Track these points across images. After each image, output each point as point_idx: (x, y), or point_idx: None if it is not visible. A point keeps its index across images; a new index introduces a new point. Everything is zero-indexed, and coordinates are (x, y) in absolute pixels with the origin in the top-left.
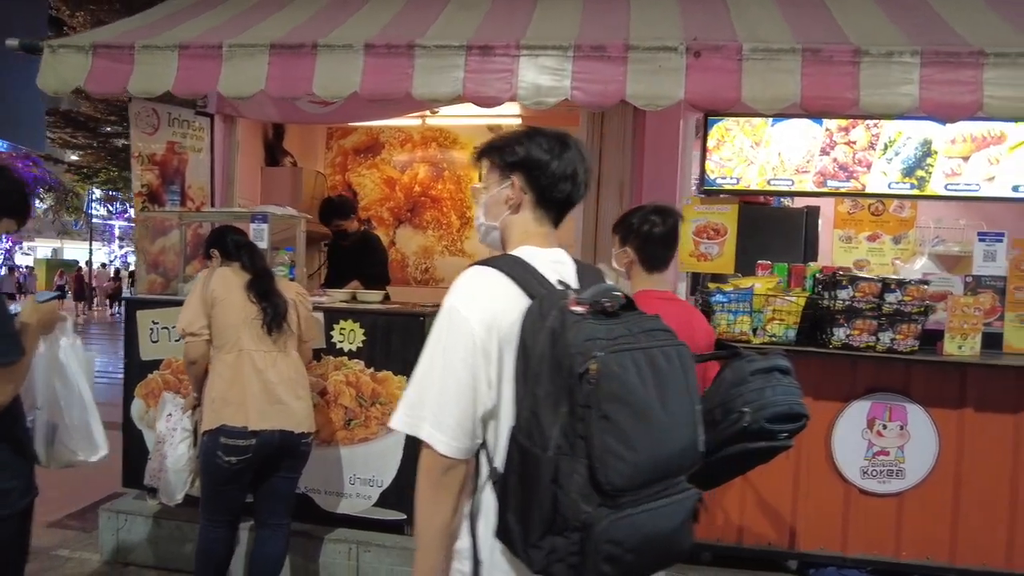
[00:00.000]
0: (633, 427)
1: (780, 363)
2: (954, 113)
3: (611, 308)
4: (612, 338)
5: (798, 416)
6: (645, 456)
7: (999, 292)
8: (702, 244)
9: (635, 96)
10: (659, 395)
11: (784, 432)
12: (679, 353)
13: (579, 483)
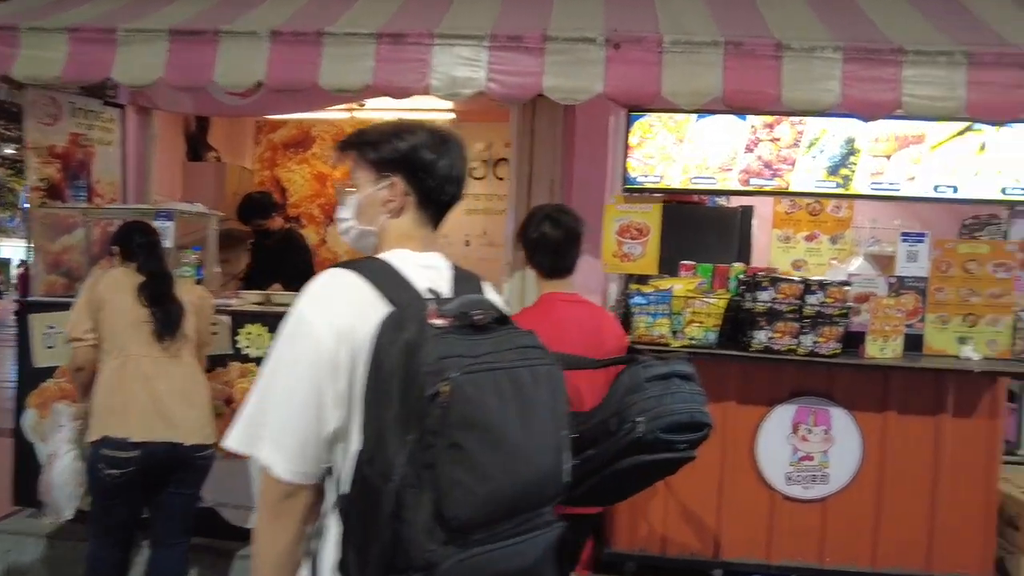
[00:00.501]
0: (487, 457)
1: (680, 368)
2: (875, 111)
3: (481, 322)
4: (475, 355)
5: (699, 425)
6: (499, 488)
7: (921, 293)
8: (625, 244)
9: (553, 89)
10: (521, 420)
11: (683, 442)
12: (549, 373)
13: (425, 518)
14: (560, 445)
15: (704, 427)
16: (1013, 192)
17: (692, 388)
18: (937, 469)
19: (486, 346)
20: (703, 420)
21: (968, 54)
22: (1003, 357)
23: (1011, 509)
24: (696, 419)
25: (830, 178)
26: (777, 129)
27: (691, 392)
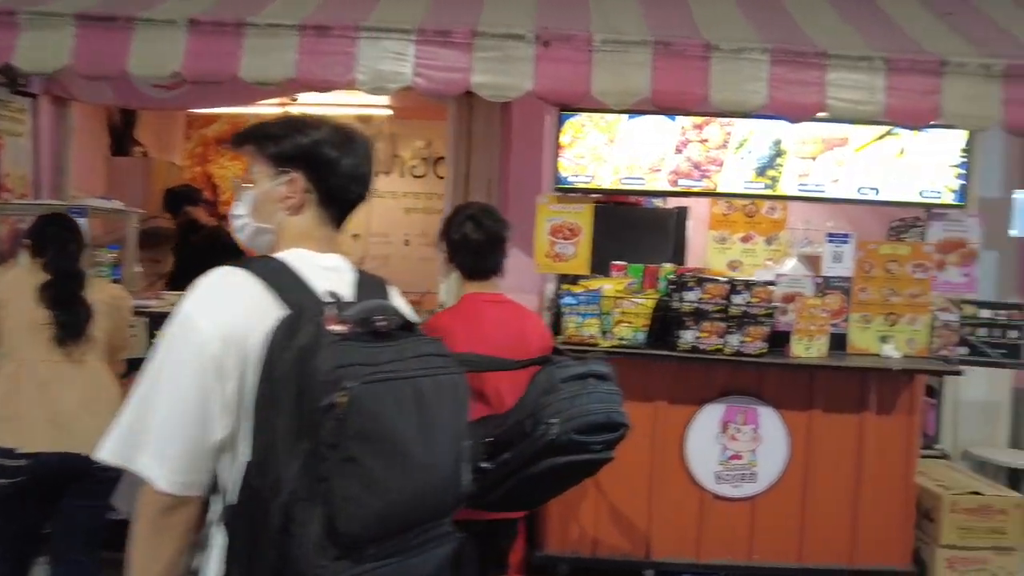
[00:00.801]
0: (383, 471)
1: (597, 368)
2: (800, 113)
3: (383, 328)
4: (375, 364)
5: (616, 425)
6: (396, 503)
7: (846, 293)
8: (557, 244)
9: (481, 86)
10: (421, 432)
11: (599, 443)
12: (452, 383)
13: (316, 533)
14: (460, 456)
15: (621, 427)
16: (929, 195)
17: (608, 388)
18: (860, 465)
19: (388, 354)
20: (619, 420)
21: (887, 60)
22: (921, 355)
23: (927, 502)
24: (612, 419)
25: (758, 179)
26: (706, 130)
27: (607, 392)
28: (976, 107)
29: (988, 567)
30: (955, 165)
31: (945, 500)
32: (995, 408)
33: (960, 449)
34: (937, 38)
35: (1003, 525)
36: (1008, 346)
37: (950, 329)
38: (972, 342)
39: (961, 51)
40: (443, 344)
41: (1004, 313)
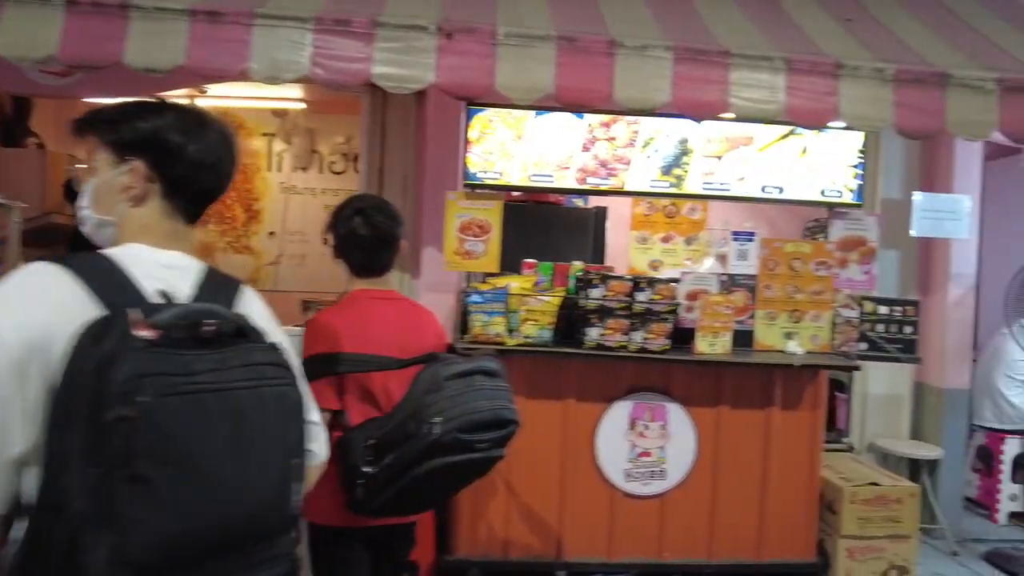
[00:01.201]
0: (179, 492)
1: (485, 365)
2: (703, 111)
3: (207, 334)
4: (187, 374)
5: (504, 422)
6: (197, 527)
7: (751, 290)
8: (467, 242)
9: (382, 77)
10: (233, 449)
11: (485, 441)
12: (281, 394)
13: (103, 559)
14: (288, 474)
15: (509, 424)
16: (831, 194)
17: (497, 385)
18: (766, 460)
19: (207, 363)
20: (507, 417)
21: (787, 60)
22: (824, 351)
23: (830, 494)
24: (500, 416)
25: (664, 178)
26: (613, 128)
27: (495, 389)
28: (870, 109)
29: (885, 555)
30: (853, 165)
31: (845, 492)
32: (898, 401)
33: (867, 442)
34: (835, 42)
35: (899, 513)
36: (904, 341)
37: (851, 325)
38: (871, 338)
39: (857, 55)
40: (282, 352)
41: (900, 309)
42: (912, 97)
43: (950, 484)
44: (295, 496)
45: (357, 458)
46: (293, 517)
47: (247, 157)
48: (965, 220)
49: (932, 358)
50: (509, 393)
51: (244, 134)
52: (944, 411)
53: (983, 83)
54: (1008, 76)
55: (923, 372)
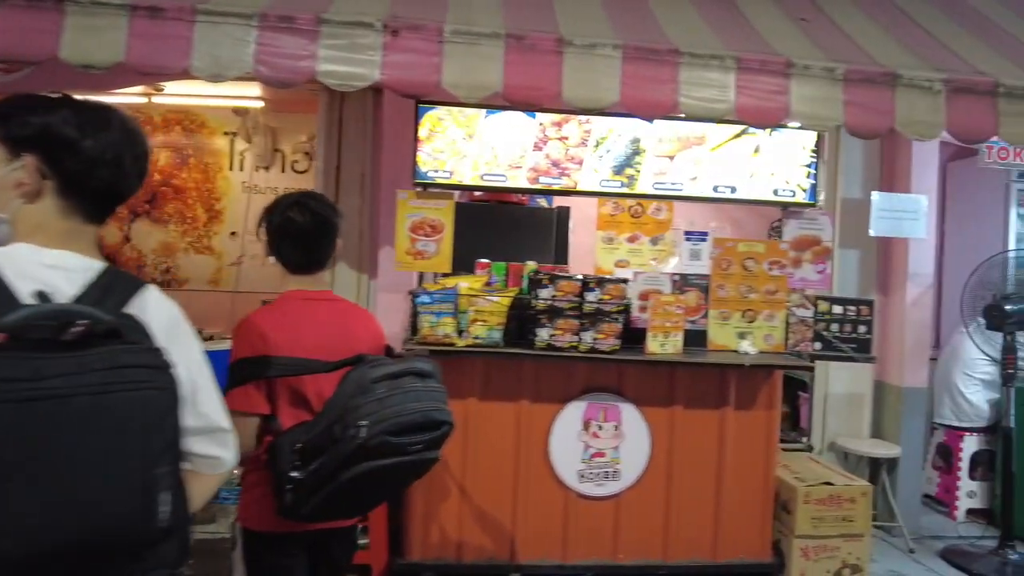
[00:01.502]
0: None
1: (416, 367)
2: (653, 111)
3: (74, 336)
4: (28, 379)
5: (437, 423)
6: (16, 544)
7: (703, 290)
8: (419, 242)
9: (327, 75)
10: (69, 461)
11: (416, 444)
12: (147, 399)
13: None
14: (148, 484)
15: (443, 425)
16: (783, 193)
17: (428, 386)
18: (721, 460)
19: (63, 366)
20: (440, 418)
21: (737, 59)
22: (778, 351)
23: (785, 494)
24: (431, 418)
25: (616, 177)
26: (565, 128)
27: (427, 390)
28: (821, 108)
29: (839, 554)
30: (806, 165)
31: (799, 491)
32: (859, 401)
33: (829, 441)
34: (788, 41)
35: (852, 513)
36: (859, 341)
37: (805, 325)
38: (826, 337)
39: (809, 54)
40: (158, 355)
41: (855, 309)
42: (862, 97)
43: (909, 482)
44: (162, 507)
45: (285, 463)
46: (164, 529)
47: (209, 156)
48: (923, 220)
49: (891, 357)
50: (443, 394)
51: (206, 133)
52: (903, 410)
53: (931, 84)
54: (955, 77)
55: (883, 371)
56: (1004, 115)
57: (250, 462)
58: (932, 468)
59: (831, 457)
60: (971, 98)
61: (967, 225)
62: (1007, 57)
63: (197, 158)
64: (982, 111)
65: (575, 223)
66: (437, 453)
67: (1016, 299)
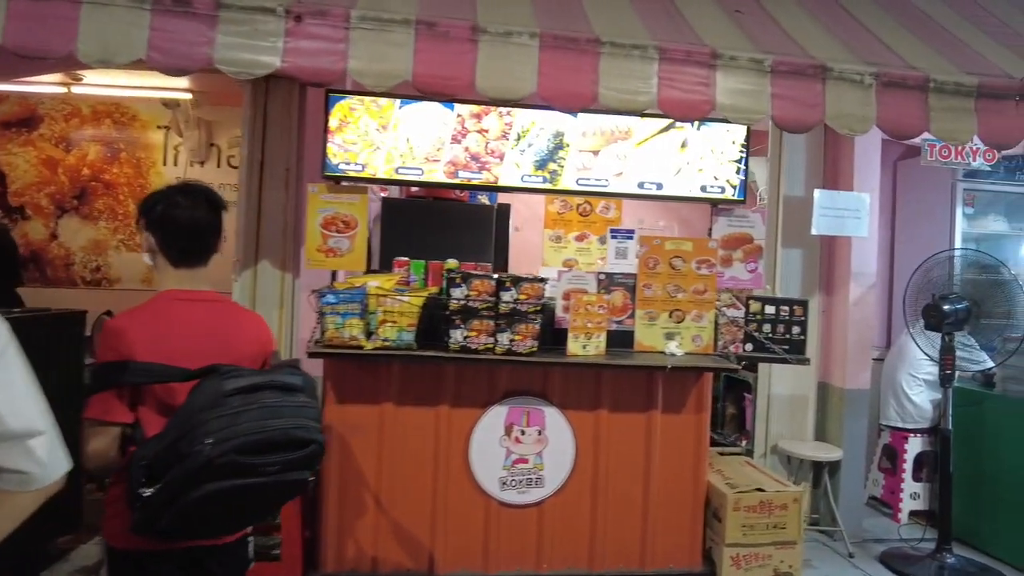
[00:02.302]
0: None
1: (279, 379)
2: (571, 103)
3: None
4: None
5: (302, 442)
6: None
7: (630, 290)
8: (331, 238)
9: (224, 62)
10: None
11: (273, 464)
12: None
13: None
14: None
15: (308, 444)
16: (712, 190)
17: (294, 400)
18: (649, 465)
19: None
20: (304, 437)
21: (660, 49)
22: (707, 352)
23: (716, 501)
24: (294, 436)
25: (538, 173)
26: (485, 120)
27: (290, 405)
28: (748, 101)
29: (771, 562)
30: (736, 160)
31: (729, 498)
32: (802, 402)
33: (772, 443)
34: (718, 32)
35: (783, 519)
36: (792, 342)
37: (736, 326)
38: (758, 338)
39: (737, 45)
40: None
41: (787, 309)
42: (791, 89)
43: (851, 485)
44: None
45: (134, 479)
46: None
47: (142, 150)
48: (866, 218)
49: (835, 359)
50: (312, 410)
51: (138, 127)
52: (845, 412)
53: (861, 77)
54: (886, 71)
55: (826, 373)
56: (934, 110)
57: (115, 475)
58: (878, 470)
59: (774, 460)
60: (902, 93)
61: (916, 224)
62: (941, 53)
63: (129, 152)
64: (912, 106)
65: (523, 221)
66: (307, 474)
67: (955, 299)
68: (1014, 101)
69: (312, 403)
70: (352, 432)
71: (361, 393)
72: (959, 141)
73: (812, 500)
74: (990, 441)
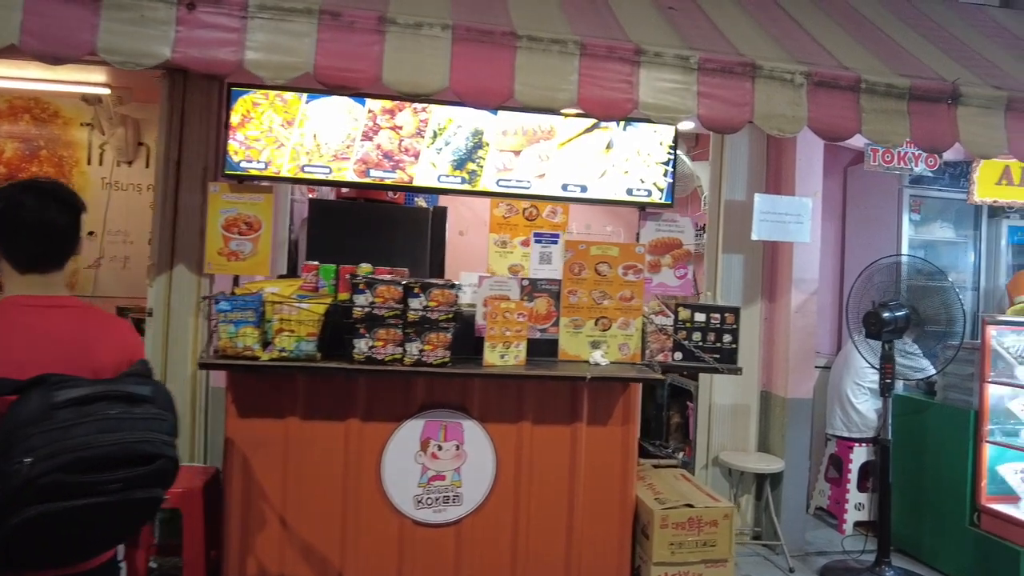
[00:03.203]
0: None
1: (119, 389)
2: (486, 99)
3: None
4: None
5: (147, 457)
6: None
7: (555, 296)
8: (233, 240)
9: (108, 51)
10: None
11: (114, 482)
12: None
13: None
14: None
15: (155, 459)
16: (638, 193)
17: (139, 412)
18: (573, 481)
19: None
20: (148, 451)
21: (581, 44)
22: (634, 361)
23: (644, 517)
24: (136, 451)
25: (456, 173)
26: (399, 116)
27: (132, 418)
28: (673, 99)
29: None
30: (663, 163)
31: (656, 515)
32: (744, 412)
33: (714, 454)
34: (645, 29)
35: (713, 537)
36: (723, 350)
37: (665, 334)
38: (687, 347)
39: (664, 42)
40: None
41: (719, 317)
42: (718, 88)
43: (793, 496)
44: None
45: None
46: None
47: (64, 149)
48: (807, 223)
49: (776, 367)
50: (160, 423)
51: (60, 123)
52: (787, 421)
53: (792, 76)
54: (817, 70)
55: (768, 381)
56: (867, 112)
57: None
58: (825, 480)
59: (716, 472)
60: (834, 93)
61: (866, 231)
62: (875, 54)
63: (50, 150)
64: (844, 107)
65: (468, 225)
66: (159, 492)
67: (895, 306)
68: (946, 104)
69: (164, 415)
70: (256, 448)
71: (265, 407)
72: (892, 143)
73: (755, 513)
74: (931, 450)
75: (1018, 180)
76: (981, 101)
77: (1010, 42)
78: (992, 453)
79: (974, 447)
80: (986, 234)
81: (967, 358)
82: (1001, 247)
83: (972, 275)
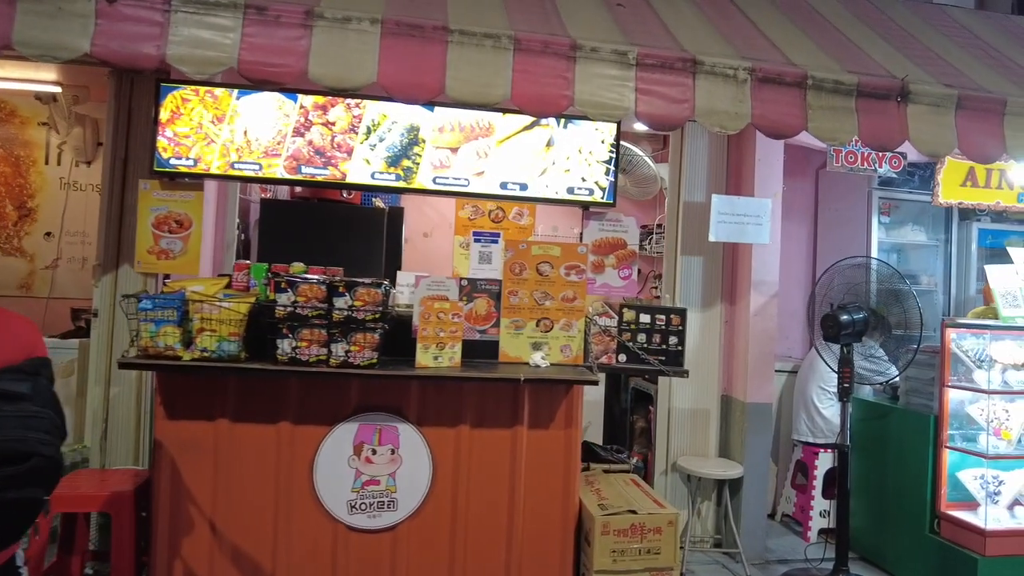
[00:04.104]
0: None
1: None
2: (416, 94)
3: None
4: None
5: (21, 456)
6: None
7: (495, 297)
8: (163, 239)
9: (24, 43)
10: None
11: None
12: None
13: None
14: None
15: (30, 457)
16: (580, 192)
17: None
18: (513, 486)
19: None
20: (22, 449)
21: (514, 39)
22: (576, 363)
23: (586, 524)
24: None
25: (390, 170)
26: (332, 112)
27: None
28: (609, 95)
29: None
30: (605, 161)
31: (598, 521)
32: (704, 416)
33: (673, 459)
34: (586, 24)
35: (657, 544)
36: (669, 352)
37: (608, 335)
38: (631, 349)
39: (605, 37)
40: None
41: (664, 318)
42: (657, 84)
43: (753, 503)
44: None
45: None
46: None
47: (21, 148)
48: (767, 225)
49: (736, 371)
50: (38, 420)
51: (16, 123)
52: (747, 427)
53: (735, 72)
54: (761, 66)
55: (729, 385)
56: (813, 109)
57: None
58: (792, 486)
59: (675, 477)
60: (779, 89)
61: (837, 233)
62: (825, 50)
63: (6, 150)
64: (790, 104)
65: (433, 227)
66: (35, 492)
67: (853, 309)
68: (895, 101)
69: (43, 412)
70: (184, 450)
71: (194, 408)
72: (840, 141)
73: (716, 520)
74: (893, 456)
75: (983, 182)
76: (931, 99)
77: (969, 41)
78: (952, 459)
79: (934, 453)
80: (956, 237)
81: (930, 362)
82: (972, 250)
83: (943, 278)
